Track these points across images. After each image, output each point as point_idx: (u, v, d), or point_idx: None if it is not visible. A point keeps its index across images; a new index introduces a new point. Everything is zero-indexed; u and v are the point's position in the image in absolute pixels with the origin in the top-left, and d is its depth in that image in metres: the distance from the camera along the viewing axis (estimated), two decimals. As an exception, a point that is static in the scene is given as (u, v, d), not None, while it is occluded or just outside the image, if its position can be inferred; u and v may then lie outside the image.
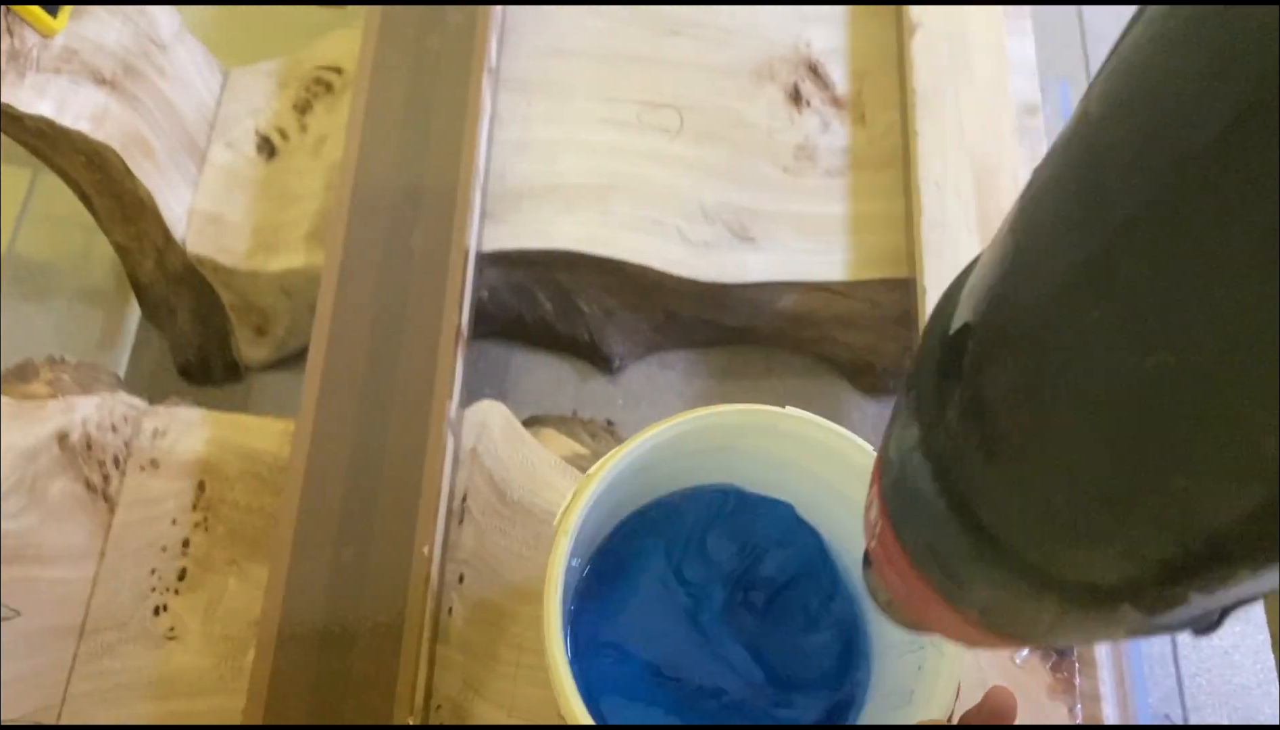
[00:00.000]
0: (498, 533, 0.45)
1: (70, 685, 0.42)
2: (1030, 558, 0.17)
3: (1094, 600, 0.16)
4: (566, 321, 0.54)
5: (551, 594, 0.33)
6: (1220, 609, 0.17)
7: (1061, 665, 0.40)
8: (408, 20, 0.52)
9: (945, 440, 0.18)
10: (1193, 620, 0.17)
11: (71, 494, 0.45)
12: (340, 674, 0.40)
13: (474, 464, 0.46)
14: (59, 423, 0.45)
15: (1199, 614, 0.17)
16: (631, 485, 0.39)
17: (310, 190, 0.53)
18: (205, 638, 0.43)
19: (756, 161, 0.52)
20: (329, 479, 0.43)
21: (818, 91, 0.54)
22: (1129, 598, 0.16)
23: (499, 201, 0.51)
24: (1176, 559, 0.15)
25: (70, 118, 0.45)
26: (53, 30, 0.45)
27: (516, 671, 0.42)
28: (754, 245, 0.50)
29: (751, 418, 0.36)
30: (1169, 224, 0.13)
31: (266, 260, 0.51)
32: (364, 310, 0.46)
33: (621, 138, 0.53)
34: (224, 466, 0.46)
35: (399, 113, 0.50)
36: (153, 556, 0.45)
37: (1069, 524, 0.16)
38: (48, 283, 0.59)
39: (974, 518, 0.18)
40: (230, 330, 0.55)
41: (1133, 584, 0.16)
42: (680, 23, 0.56)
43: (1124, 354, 0.13)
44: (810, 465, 0.38)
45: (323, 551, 0.42)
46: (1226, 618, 0.17)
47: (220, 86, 0.56)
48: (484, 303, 0.52)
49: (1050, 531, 0.16)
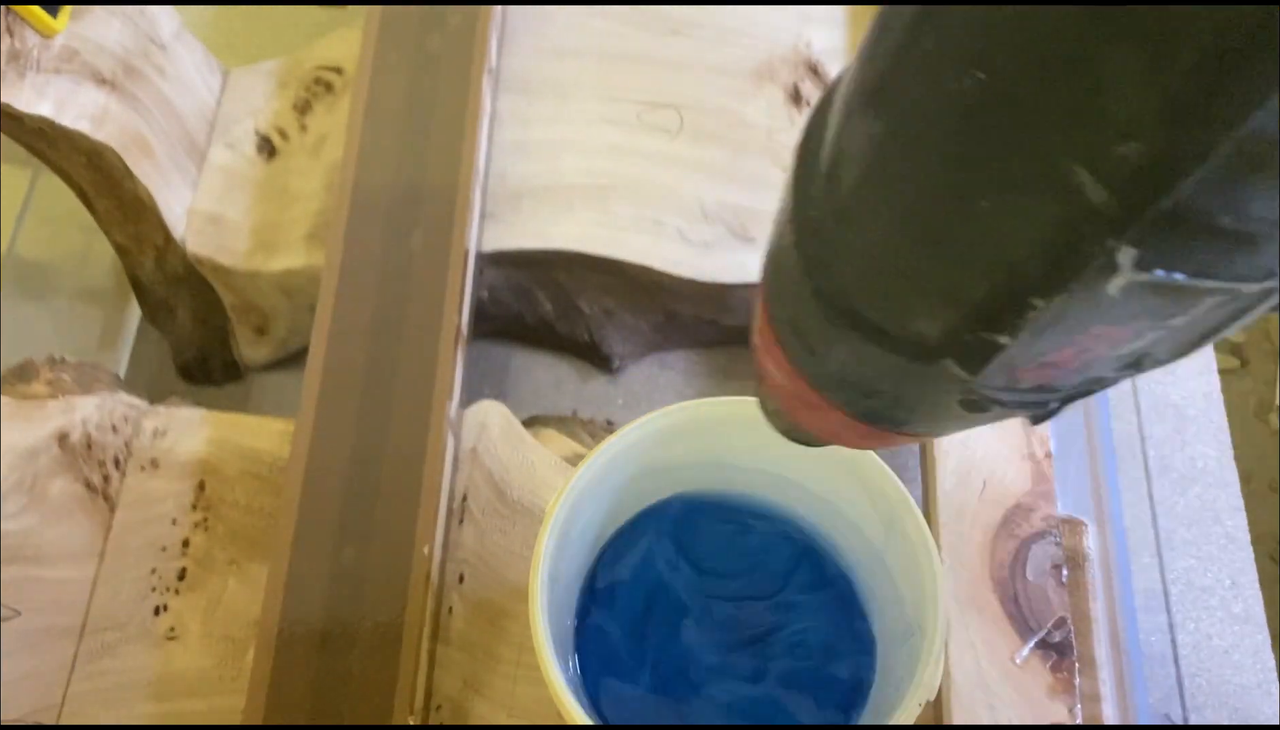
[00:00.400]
0: (498, 532, 0.45)
1: (70, 685, 0.42)
2: (870, 315, 0.18)
3: (923, 355, 0.18)
4: (566, 321, 0.54)
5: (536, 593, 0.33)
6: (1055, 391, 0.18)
7: (1061, 665, 0.40)
8: (408, 20, 0.52)
9: (809, 209, 0.19)
10: (1022, 400, 0.18)
11: (71, 494, 0.45)
12: (340, 674, 0.40)
13: (474, 464, 0.46)
14: (59, 423, 0.45)
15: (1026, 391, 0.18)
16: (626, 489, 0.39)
17: (310, 190, 0.53)
18: (205, 638, 0.43)
19: (757, 162, 0.52)
20: (329, 479, 0.43)
21: (818, 92, 0.54)
22: (951, 352, 0.17)
23: (499, 201, 0.51)
24: (985, 298, 0.16)
25: (70, 118, 0.45)
26: (53, 30, 0.45)
27: (517, 671, 0.42)
28: (754, 245, 0.50)
29: (740, 409, 0.37)
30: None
31: (266, 260, 0.51)
32: (364, 310, 0.46)
33: (622, 138, 0.53)
34: (224, 466, 0.46)
35: (399, 113, 0.50)
36: (153, 556, 0.45)
37: (897, 270, 0.17)
38: (47, 283, 0.59)
39: (825, 282, 0.19)
40: (230, 330, 0.55)
41: (951, 333, 0.17)
42: (680, 23, 0.56)
43: (947, 79, 0.15)
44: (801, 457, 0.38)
45: (323, 551, 0.42)
46: (1055, 407, 0.19)
47: (220, 86, 0.56)
48: (484, 303, 0.52)
49: (883, 283, 0.18)
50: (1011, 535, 0.41)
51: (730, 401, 0.37)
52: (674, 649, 0.39)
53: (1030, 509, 0.42)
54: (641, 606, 0.40)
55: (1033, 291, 0.15)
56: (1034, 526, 0.42)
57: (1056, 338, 0.16)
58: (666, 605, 0.40)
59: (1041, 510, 0.42)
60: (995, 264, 0.16)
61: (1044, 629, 0.40)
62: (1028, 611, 0.40)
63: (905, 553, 0.35)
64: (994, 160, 0.15)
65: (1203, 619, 0.49)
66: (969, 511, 0.42)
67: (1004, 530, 0.42)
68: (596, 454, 0.36)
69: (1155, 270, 0.14)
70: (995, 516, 0.42)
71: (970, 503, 0.42)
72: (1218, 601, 0.49)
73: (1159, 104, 0.12)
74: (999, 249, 0.15)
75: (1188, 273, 0.14)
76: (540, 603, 0.33)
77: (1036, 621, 0.40)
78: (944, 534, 0.41)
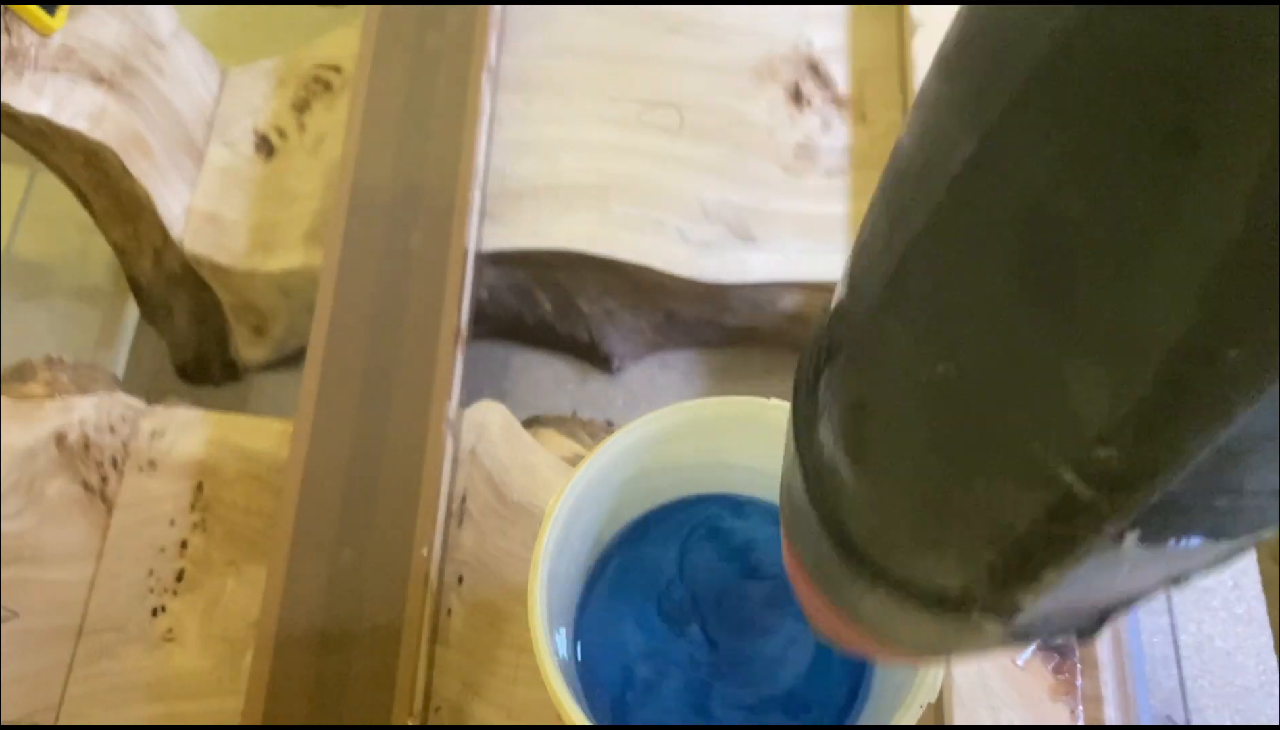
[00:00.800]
0: (497, 534, 0.45)
1: (68, 686, 0.42)
2: (893, 569, 0.18)
3: (950, 608, 0.17)
4: (566, 321, 0.54)
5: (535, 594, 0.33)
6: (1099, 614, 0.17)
7: (1063, 667, 0.39)
8: (407, 19, 0.52)
9: (813, 458, 0.18)
10: (1063, 626, 0.17)
11: (69, 495, 0.45)
12: (339, 675, 0.40)
13: (473, 464, 0.46)
14: (57, 423, 0.45)
15: (1065, 619, 0.17)
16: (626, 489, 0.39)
17: (309, 190, 0.52)
18: (204, 639, 0.43)
19: (757, 161, 0.52)
20: (327, 480, 0.43)
21: (819, 91, 0.54)
22: (975, 606, 0.17)
23: (499, 201, 0.51)
24: (998, 563, 0.15)
25: (68, 117, 0.45)
26: (51, 29, 0.45)
27: (516, 673, 0.42)
28: (754, 245, 0.50)
29: (740, 409, 0.37)
30: (942, 240, 0.14)
31: (265, 260, 0.51)
32: (363, 310, 0.46)
33: (622, 137, 0.53)
34: (222, 467, 0.46)
35: (398, 112, 0.50)
36: (151, 557, 0.45)
37: (910, 532, 0.17)
38: (45, 282, 0.59)
39: (842, 533, 0.18)
40: (228, 330, 0.55)
41: (971, 591, 0.16)
42: (681, 22, 0.56)
43: (918, 365, 0.14)
44: None
45: (321, 552, 0.42)
46: (1105, 623, 0.18)
47: (218, 85, 0.55)
48: (484, 303, 0.52)
49: (898, 539, 0.17)
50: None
51: (730, 401, 0.37)
52: (674, 649, 0.39)
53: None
54: (641, 607, 0.39)
55: (1041, 565, 0.15)
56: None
57: (1083, 589, 0.16)
58: (666, 605, 0.40)
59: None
60: (1000, 536, 0.15)
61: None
62: (1029, 613, 0.40)
63: (907, 554, 0.35)
64: (976, 450, 0.14)
65: (1205, 620, 0.49)
66: (970, 512, 0.42)
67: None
68: (596, 454, 0.35)
69: (1166, 541, 0.14)
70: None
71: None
72: (1220, 603, 0.49)
73: (1128, 414, 0.12)
74: (1000, 524, 0.15)
75: (1202, 536, 0.14)
76: (539, 604, 0.33)
77: (1038, 623, 0.40)
78: (945, 535, 0.41)
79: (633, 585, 0.40)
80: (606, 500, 0.38)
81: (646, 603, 0.40)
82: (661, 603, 0.40)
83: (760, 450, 0.39)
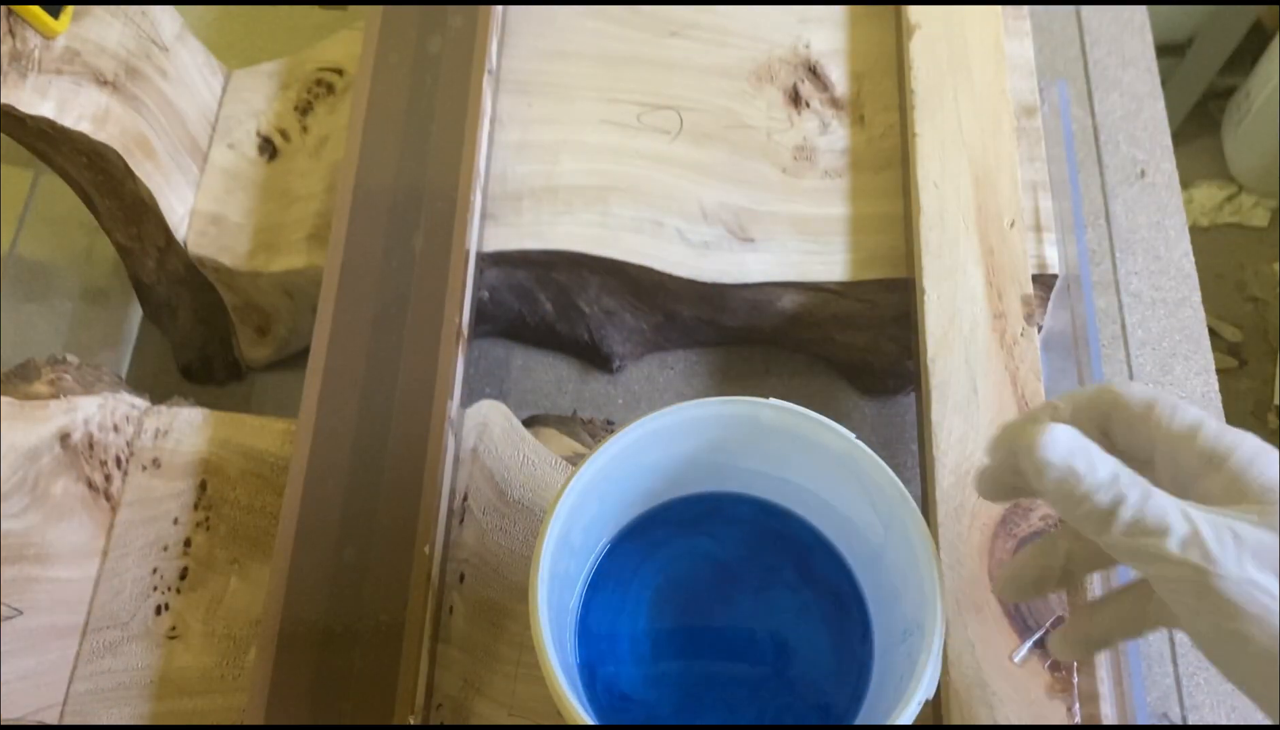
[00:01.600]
0: (499, 532, 0.45)
1: (72, 684, 0.43)
2: None
3: None
4: (567, 321, 0.54)
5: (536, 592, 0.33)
6: None
7: (1060, 665, 0.40)
8: (408, 21, 0.53)
9: None
10: None
11: (73, 494, 0.45)
12: (341, 673, 0.40)
13: (475, 463, 0.46)
14: (61, 423, 0.45)
15: None
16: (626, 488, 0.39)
17: (312, 191, 0.53)
18: (207, 637, 0.44)
19: (756, 162, 0.53)
20: (330, 478, 0.43)
21: (817, 93, 0.54)
22: None
23: (499, 202, 0.52)
24: None
25: (72, 119, 0.46)
26: (54, 31, 0.45)
27: (517, 670, 0.42)
28: (754, 246, 0.50)
29: (740, 409, 0.37)
30: None
31: (268, 261, 0.51)
32: (365, 310, 0.46)
33: (621, 139, 0.53)
34: (226, 466, 0.46)
35: (400, 114, 0.50)
36: (155, 556, 0.45)
37: None
38: (49, 283, 0.59)
39: None
40: (232, 330, 0.55)
41: None
42: (680, 24, 0.56)
43: None
44: (800, 457, 0.38)
45: (324, 551, 0.42)
46: None
47: (222, 87, 0.56)
48: (485, 303, 0.53)
49: None
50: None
51: (730, 401, 0.37)
52: (674, 649, 0.39)
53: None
54: (642, 606, 0.40)
55: None
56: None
57: None
58: (667, 605, 0.40)
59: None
60: None
61: (1043, 628, 0.40)
62: (1026, 611, 0.40)
63: (904, 552, 0.35)
64: None
65: (1201, 618, 0.49)
66: (968, 510, 0.42)
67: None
68: (597, 453, 0.36)
69: None
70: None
71: (969, 502, 0.42)
72: (1216, 601, 0.49)
73: None
74: None
75: None
76: (541, 601, 0.33)
77: (1035, 621, 0.40)
78: (943, 533, 0.41)
79: (633, 583, 0.40)
80: (607, 499, 0.39)
81: (647, 600, 0.40)
82: (661, 600, 0.40)
83: (758, 450, 0.39)
